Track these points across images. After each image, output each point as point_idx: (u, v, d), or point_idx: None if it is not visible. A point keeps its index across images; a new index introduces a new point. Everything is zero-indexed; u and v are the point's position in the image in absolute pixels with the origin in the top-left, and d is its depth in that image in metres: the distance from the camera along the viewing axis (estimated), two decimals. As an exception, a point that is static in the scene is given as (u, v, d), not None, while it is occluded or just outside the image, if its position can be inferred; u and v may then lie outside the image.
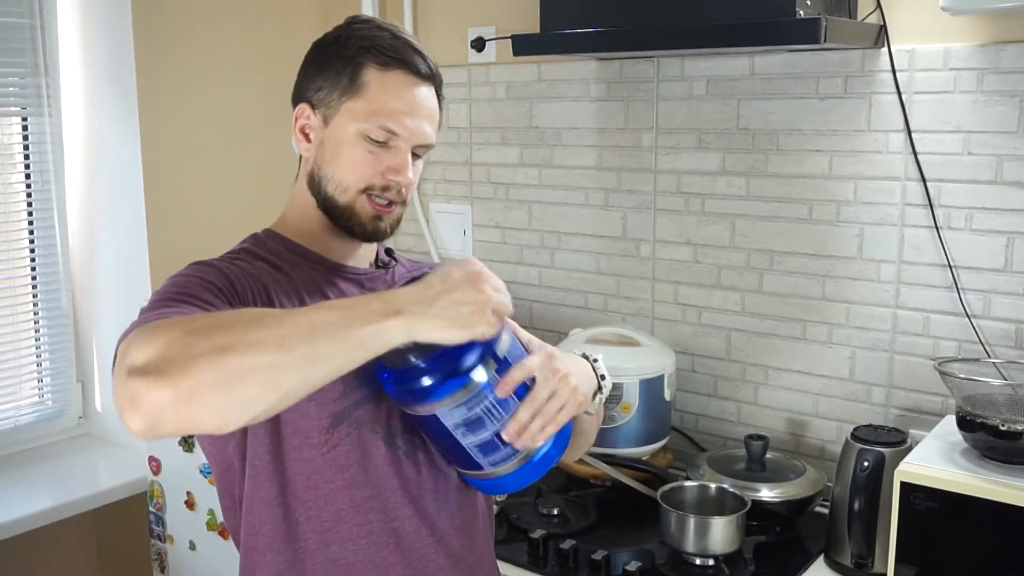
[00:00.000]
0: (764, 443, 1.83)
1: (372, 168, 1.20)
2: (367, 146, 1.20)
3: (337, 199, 1.22)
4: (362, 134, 1.20)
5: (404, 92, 1.21)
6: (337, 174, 1.22)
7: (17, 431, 2.34)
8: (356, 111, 1.20)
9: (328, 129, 1.22)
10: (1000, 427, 1.44)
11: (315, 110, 1.23)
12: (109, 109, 2.27)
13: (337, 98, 1.21)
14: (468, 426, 1.13)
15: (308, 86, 1.24)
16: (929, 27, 1.71)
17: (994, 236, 1.70)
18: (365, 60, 1.20)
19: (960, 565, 1.44)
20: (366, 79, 1.20)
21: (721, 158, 1.98)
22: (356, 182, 1.21)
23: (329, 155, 1.22)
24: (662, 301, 2.12)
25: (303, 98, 1.25)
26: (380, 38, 1.21)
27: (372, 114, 1.19)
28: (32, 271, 2.35)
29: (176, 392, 0.88)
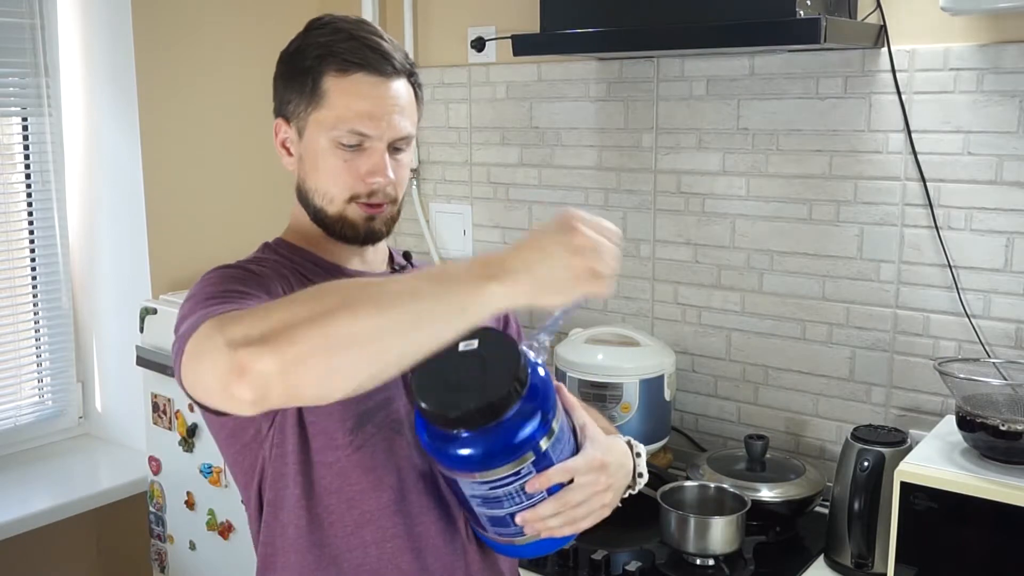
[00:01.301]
0: (764, 443, 1.83)
1: (351, 175, 1.19)
2: (342, 154, 1.18)
3: (326, 210, 1.22)
4: (334, 142, 1.18)
5: (367, 92, 1.18)
6: (320, 186, 1.21)
7: (17, 431, 2.34)
8: (323, 121, 1.19)
9: (303, 142, 1.22)
10: (1000, 427, 1.44)
11: (289, 123, 1.23)
12: (109, 109, 2.27)
13: (304, 110, 1.20)
14: (485, 500, 1.09)
15: (281, 99, 1.24)
16: (929, 27, 1.71)
17: (994, 236, 1.70)
18: (323, 68, 1.18)
19: (960, 565, 1.44)
20: (326, 87, 1.18)
21: (721, 158, 1.98)
22: (340, 192, 1.20)
23: (309, 168, 1.22)
24: (662, 301, 2.12)
25: (279, 112, 1.25)
26: (335, 42, 1.19)
27: (339, 121, 1.18)
28: (32, 271, 2.35)
29: (283, 360, 0.86)
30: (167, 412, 2.13)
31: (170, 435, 2.12)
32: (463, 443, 1.02)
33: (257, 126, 2.45)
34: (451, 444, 1.03)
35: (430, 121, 2.42)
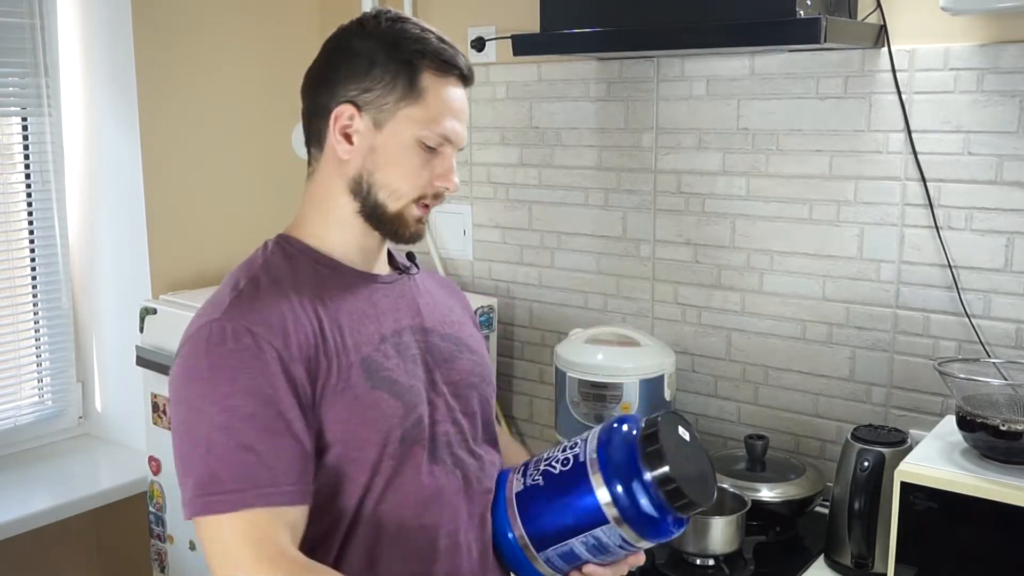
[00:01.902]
0: (764, 443, 1.83)
1: (425, 177, 1.19)
2: (422, 154, 1.18)
3: (388, 206, 1.20)
4: (419, 141, 1.18)
5: (457, 99, 1.20)
6: (393, 182, 1.19)
7: (17, 431, 2.34)
8: (415, 117, 1.17)
9: (381, 134, 1.18)
10: (1000, 427, 1.44)
11: (361, 112, 1.18)
12: (109, 109, 2.27)
13: (393, 103, 1.17)
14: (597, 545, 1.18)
15: (348, 86, 1.18)
16: (929, 27, 1.71)
17: (994, 236, 1.70)
18: (421, 64, 1.17)
19: (960, 565, 1.44)
20: (425, 84, 1.17)
21: (721, 158, 1.98)
22: (410, 191, 1.19)
23: (383, 161, 1.19)
24: (662, 301, 2.12)
25: (342, 98, 1.18)
26: (429, 40, 1.19)
27: (431, 121, 1.17)
28: (32, 271, 2.35)
29: None
30: (167, 412, 2.13)
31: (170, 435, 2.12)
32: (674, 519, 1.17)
33: (257, 126, 2.46)
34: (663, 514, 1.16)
35: (430, 121, 2.42)
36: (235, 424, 1.06)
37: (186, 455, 1.09)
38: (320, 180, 1.24)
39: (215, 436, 1.07)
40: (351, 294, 1.21)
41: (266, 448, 1.07)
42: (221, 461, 1.06)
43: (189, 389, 1.10)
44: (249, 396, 1.07)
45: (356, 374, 1.16)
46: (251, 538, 1.04)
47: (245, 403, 1.07)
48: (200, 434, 1.08)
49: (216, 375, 1.09)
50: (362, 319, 1.20)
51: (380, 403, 1.17)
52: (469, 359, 1.32)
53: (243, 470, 1.06)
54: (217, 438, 1.06)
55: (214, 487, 1.06)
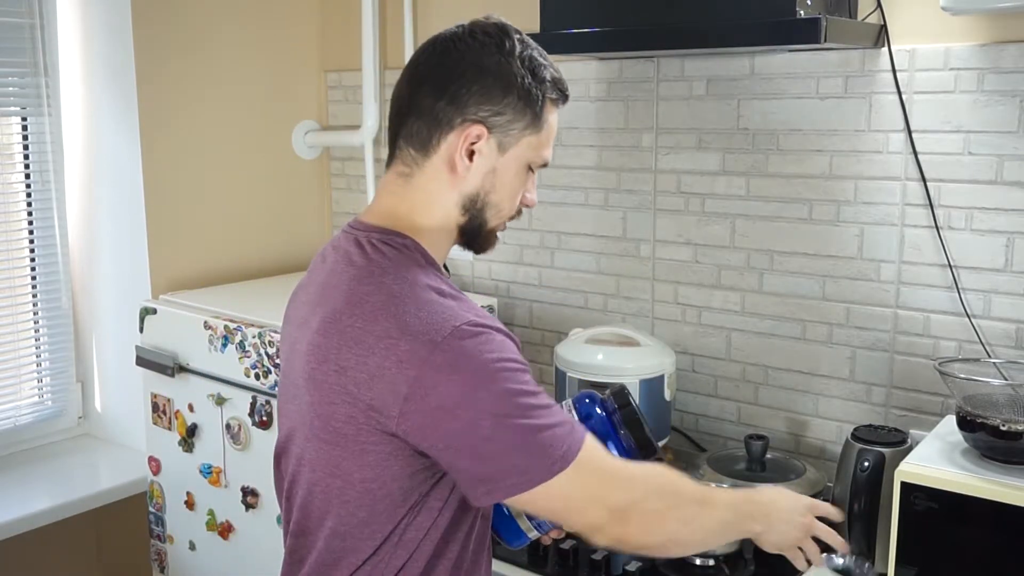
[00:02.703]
0: (764, 443, 1.83)
1: (519, 197, 1.26)
2: (526, 175, 1.25)
3: (490, 223, 1.24)
4: (528, 165, 1.24)
5: (557, 124, 1.28)
6: (503, 202, 1.24)
7: (17, 431, 2.34)
8: (533, 144, 1.23)
9: (504, 158, 1.21)
10: (1000, 427, 1.43)
11: (490, 133, 1.19)
12: (109, 109, 2.27)
13: (520, 130, 1.21)
14: None
15: (482, 105, 1.18)
16: (929, 27, 1.71)
17: (994, 236, 1.70)
18: (547, 97, 1.24)
19: (960, 565, 1.44)
20: (547, 115, 1.24)
21: (721, 158, 1.98)
22: (511, 210, 1.25)
23: (500, 184, 1.22)
24: (662, 301, 2.12)
25: (473, 117, 1.18)
26: (549, 68, 1.25)
27: (542, 148, 1.24)
28: (32, 271, 2.35)
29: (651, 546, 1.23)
30: (167, 412, 2.13)
31: (170, 435, 2.12)
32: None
33: (257, 126, 2.46)
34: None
35: (430, 121, 2.42)
36: (535, 398, 1.13)
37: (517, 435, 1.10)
38: (425, 186, 1.22)
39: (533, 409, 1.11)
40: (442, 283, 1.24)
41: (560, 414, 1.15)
42: (550, 425, 1.12)
43: (486, 383, 1.10)
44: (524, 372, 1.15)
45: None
46: (601, 460, 1.18)
47: (532, 383, 1.14)
48: (520, 415, 1.10)
49: (503, 363, 1.12)
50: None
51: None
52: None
53: (563, 423, 1.14)
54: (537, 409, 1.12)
55: (560, 444, 1.11)
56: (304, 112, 2.57)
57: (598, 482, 1.15)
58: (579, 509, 1.15)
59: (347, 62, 2.52)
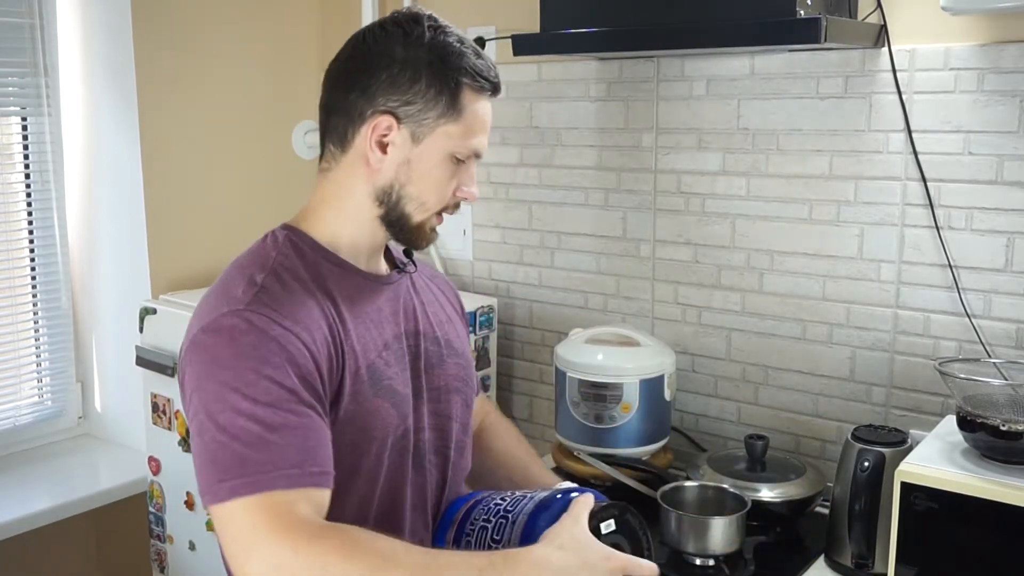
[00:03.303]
0: (764, 443, 1.83)
1: (450, 188, 1.22)
2: (451, 168, 1.21)
3: (412, 217, 1.21)
4: (451, 155, 1.20)
5: (487, 115, 1.22)
6: (422, 195, 1.20)
7: (17, 431, 2.34)
8: (452, 134, 1.19)
9: (418, 148, 1.19)
10: (1000, 427, 1.43)
11: (400, 124, 1.18)
12: (109, 109, 2.27)
13: (434, 119, 1.18)
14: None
15: (390, 96, 1.18)
16: (929, 27, 1.71)
17: (994, 236, 1.70)
18: (463, 82, 1.18)
19: (960, 565, 1.44)
20: (464, 103, 1.19)
21: (721, 158, 1.98)
22: (437, 203, 1.21)
23: (416, 175, 1.20)
24: (662, 301, 2.12)
25: (382, 108, 1.18)
26: (468, 56, 1.19)
27: (465, 137, 1.20)
28: (32, 271, 2.35)
29: None
30: (167, 412, 2.13)
31: (170, 435, 2.12)
32: None
33: (257, 125, 2.46)
34: None
35: (430, 121, 2.42)
36: (259, 411, 1.05)
37: (209, 443, 1.06)
38: (339, 180, 1.23)
39: (239, 422, 1.04)
40: (359, 297, 1.21)
41: (291, 432, 1.05)
42: (247, 447, 1.04)
43: (212, 379, 1.07)
44: (274, 384, 1.06)
45: (362, 380, 1.16)
46: (273, 514, 1.02)
47: (270, 390, 1.06)
48: (224, 422, 1.05)
49: (242, 364, 1.07)
50: (368, 324, 1.21)
51: (380, 411, 1.18)
52: (454, 363, 1.32)
53: (268, 453, 1.04)
54: (242, 424, 1.04)
55: (239, 471, 1.03)
56: (304, 112, 2.57)
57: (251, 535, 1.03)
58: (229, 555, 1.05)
59: (347, 62, 2.52)
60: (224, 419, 1.05)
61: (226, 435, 1.04)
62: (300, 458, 1.04)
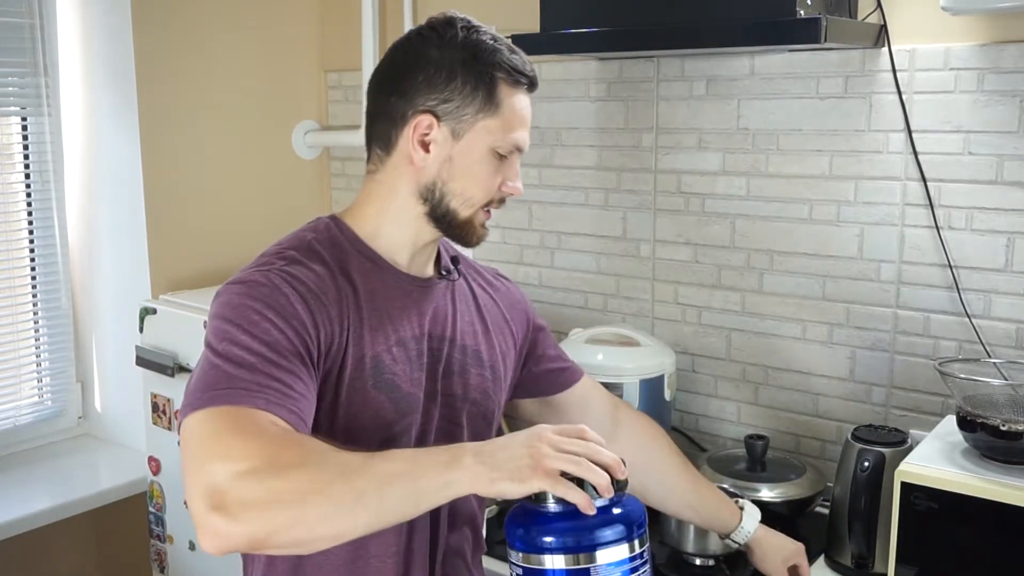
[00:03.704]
0: (764, 443, 1.83)
1: (496, 183, 1.23)
2: (494, 162, 1.22)
3: (460, 213, 1.23)
4: (493, 150, 1.21)
5: (527, 107, 1.24)
6: (467, 190, 1.22)
7: (17, 431, 2.34)
8: (492, 128, 1.21)
9: (459, 144, 1.21)
10: (1000, 427, 1.43)
11: (440, 122, 1.20)
12: (109, 109, 2.27)
13: (472, 115, 1.20)
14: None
15: (429, 96, 1.20)
16: (929, 27, 1.71)
17: (994, 236, 1.70)
18: (498, 76, 1.20)
19: (960, 565, 1.44)
20: (501, 97, 1.20)
21: (721, 158, 1.98)
22: (483, 197, 1.23)
23: (458, 171, 1.21)
24: (662, 301, 2.12)
25: (420, 106, 1.20)
26: (503, 51, 1.22)
27: (505, 131, 1.21)
28: (32, 271, 2.35)
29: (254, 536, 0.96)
30: (167, 412, 2.13)
31: (170, 435, 2.12)
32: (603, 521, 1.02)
33: (258, 125, 2.46)
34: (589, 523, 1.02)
35: (430, 121, 2.42)
36: (256, 345, 1.07)
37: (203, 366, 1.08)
38: (385, 180, 1.25)
39: (235, 351, 1.07)
40: (384, 292, 1.23)
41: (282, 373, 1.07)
42: (238, 367, 1.05)
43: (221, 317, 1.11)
44: (276, 329, 1.09)
45: (364, 370, 1.18)
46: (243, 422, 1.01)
47: (270, 332, 1.08)
48: (222, 349, 1.07)
49: (251, 304, 1.10)
50: (384, 317, 1.22)
51: (376, 403, 1.18)
52: (478, 374, 1.32)
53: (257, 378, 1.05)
54: (238, 352, 1.07)
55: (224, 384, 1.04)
56: (304, 112, 2.57)
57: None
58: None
59: (347, 62, 2.52)
60: (223, 347, 1.07)
61: (220, 358, 1.07)
62: (284, 396, 1.05)
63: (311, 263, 1.19)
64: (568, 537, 1.01)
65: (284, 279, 1.14)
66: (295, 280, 1.14)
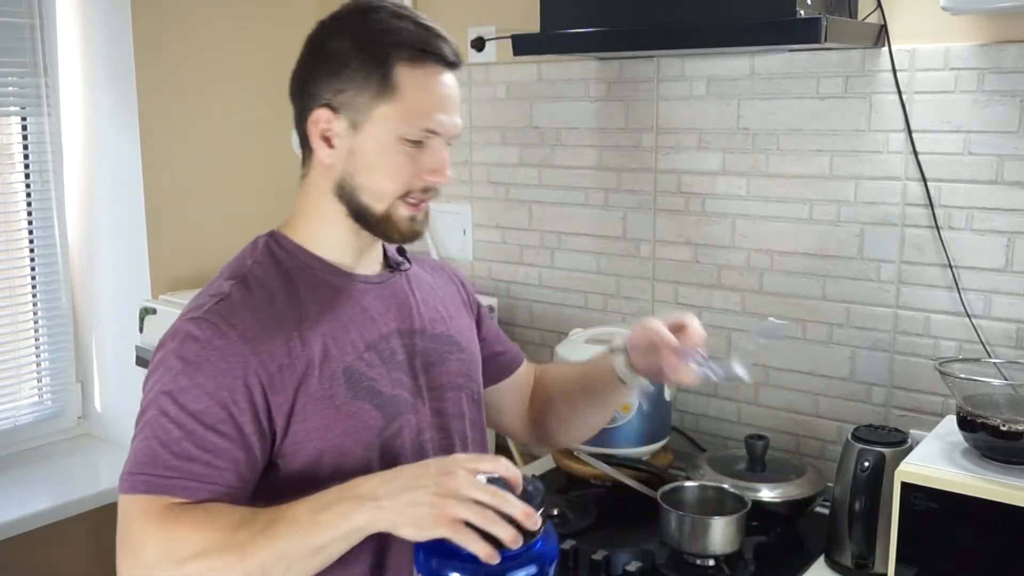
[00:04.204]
0: (764, 443, 1.83)
1: (411, 172, 1.14)
2: (405, 149, 1.13)
3: (374, 208, 1.16)
4: (400, 138, 1.13)
5: (437, 86, 1.14)
6: (375, 183, 1.15)
7: (17, 431, 2.34)
8: (391, 115, 1.12)
9: (359, 136, 1.14)
10: (1001, 427, 1.43)
11: (337, 114, 1.14)
12: (109, 109, 2.27)
13: (367, 102, 1.12)
14: None
15: (323, 87, 1.15)
16: (929, 27, 1.71)
17: (994, 236, 1.70)
18: (393, 58, 1.12)
19: (960, 565, 1.44)
20: (401, 79, 1.12)
21: (721, 158, 1.98)
22: (395, 189, 1.15)
23: (362, 164, 1.15)
24: (662, 301, 2.11)
25: (318, 100, 1.15)
26: (402, 30, 1.12)
27: (410, 116, 1.13)
28: (32, 271, 2.35)
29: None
30: (167, 412, 2.12)
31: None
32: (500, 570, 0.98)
33: (257, 125, 2.45)
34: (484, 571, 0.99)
35: (430, 121, 2.42)
36: (183, 417, 1.08)
37: (136, 437, 1.11)
38: (310, 183, 1.22)
39: (162, 422, 1.08)
40: (338, 299, 1.19)
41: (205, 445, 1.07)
42: (163, 446, 1.08)
43: (154, 378, 1.11)
44: (204, 394, 1.08)
45: (338, 384, 1.14)
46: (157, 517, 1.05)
47: (198, 399, 1.08)
48: (151, 419, 1.09)
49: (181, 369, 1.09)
50: (347, 326, 1.18)
51: (361, 413, 1.15)
52: (457, 359, 1.29)
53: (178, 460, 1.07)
54: (163, 424, 1.08)
55: (148, 467, 1.08)
56: (304, 112, 2.57)
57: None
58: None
59: (347, 62, 2.52)
60: (151, 416, 1.09)
61: (149, 430, 1.08)
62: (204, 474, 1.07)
63: (249, 295, 1.15)
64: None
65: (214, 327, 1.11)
66: (226, 325, 1.11)
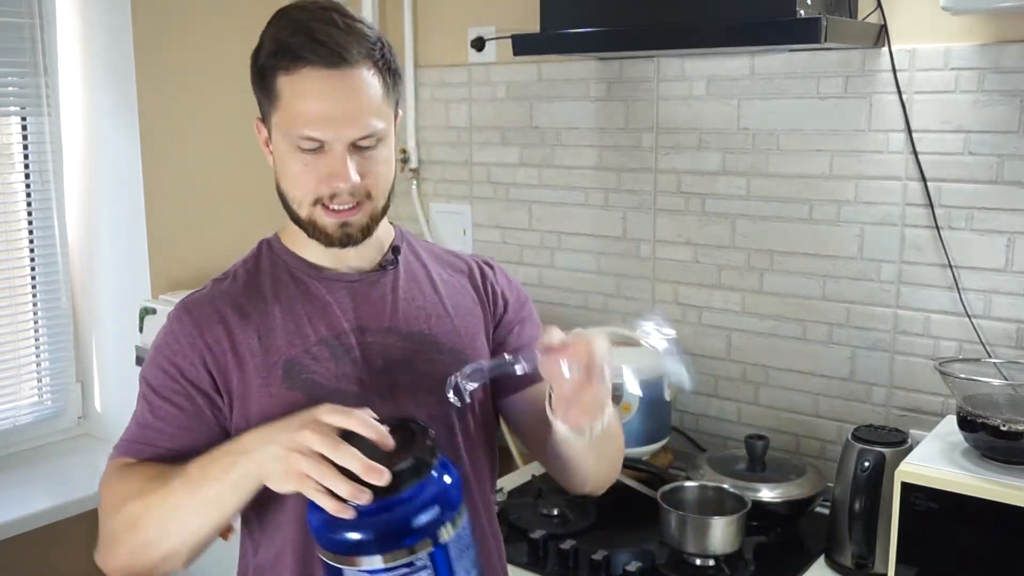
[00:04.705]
0: (764, 443, 1.83)
1: (312, 179, 1.13)
2: (301, 157, 1.13)
3: (298, 214, 1.19)
4: (293, 147, 1.13)
5: (315, 91, 1.09)
6: (288, 191, 1.18)
7: (16, 431, 2.34)
8: (280, 124, 1.13)
9: (273, 144, 1.19)
10: (1001, 427, 1.43)
11: (263, 124, 1.20)
12: (109, 109, 2.27)
13: (268, 112, 1.16)
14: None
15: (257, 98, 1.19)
16: (930, 27, 1.71)
17: (995, 236, 1.70)
18: (274, 66, 1.11)
19: (960, 565, 1.44)
20: (279, 88, 1.11)
21: (721, 158, 1.98)
22: (304, 196, 1.16)
23: (278, 171, 1.19)
24: (662, 301, 2.11)
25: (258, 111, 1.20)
26: (284, 36, 1.10)
27: (291, 125, 1.11)
28: (32, 271, 2.35)
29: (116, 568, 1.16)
30: (167, 412, 2.13)
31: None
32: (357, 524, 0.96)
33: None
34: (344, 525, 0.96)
35: (430, 121, 2.42)
36: (149, 392, 1.21)
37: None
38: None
39: (140, 402, 1.23)
40: (304, 295, 1.22)
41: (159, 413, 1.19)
42: (133, 420, 1.23)
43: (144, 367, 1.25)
44: (160, 370, 1.20)
45: (275, 374, 1.18)
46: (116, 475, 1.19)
47: (156, 376, 1.20)
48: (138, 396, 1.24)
49: (151, 352, 1.23)
50: (303, 320, 1.20)
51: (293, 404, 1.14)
52: (434, 359, 1.25)
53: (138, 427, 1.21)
54: (139, 403, 1.23)
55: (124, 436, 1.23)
56: (304, 112, 2.57)
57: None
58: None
59: (347, 62, 2.52)
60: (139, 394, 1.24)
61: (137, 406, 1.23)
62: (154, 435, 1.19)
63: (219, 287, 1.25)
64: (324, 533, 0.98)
65: (181, 310, 1.22)
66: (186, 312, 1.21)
